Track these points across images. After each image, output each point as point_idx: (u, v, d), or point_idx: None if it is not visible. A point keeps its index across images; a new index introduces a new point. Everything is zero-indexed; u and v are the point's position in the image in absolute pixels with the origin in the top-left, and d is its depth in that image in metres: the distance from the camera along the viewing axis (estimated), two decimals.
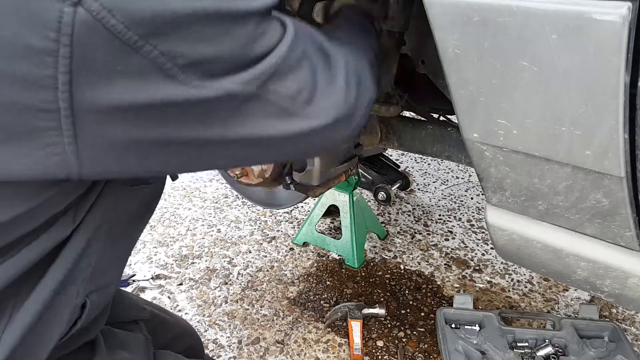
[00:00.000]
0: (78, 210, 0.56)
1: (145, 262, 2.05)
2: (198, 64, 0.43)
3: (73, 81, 0.39)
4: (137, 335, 0.80)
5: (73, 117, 0.41)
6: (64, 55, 0.38)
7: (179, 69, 0.42)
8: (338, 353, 1.61)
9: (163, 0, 0.40)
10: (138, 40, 0.39)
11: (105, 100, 0.41)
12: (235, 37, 0.45)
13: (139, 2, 0.39)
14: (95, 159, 0.45)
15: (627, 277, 0.84)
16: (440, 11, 0.69)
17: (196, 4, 0.42)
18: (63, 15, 0.37)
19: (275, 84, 0.49)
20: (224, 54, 0.45)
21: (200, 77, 0.43)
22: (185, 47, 0.42)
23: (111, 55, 0.39)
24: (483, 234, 2.24)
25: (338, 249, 2.06)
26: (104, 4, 0.37)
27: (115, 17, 0.38)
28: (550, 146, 0.73)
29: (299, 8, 1.14)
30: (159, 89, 0.42)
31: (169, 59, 0.41)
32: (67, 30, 0.37)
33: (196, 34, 0.42)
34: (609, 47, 0.59)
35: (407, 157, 3.04)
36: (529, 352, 1.50)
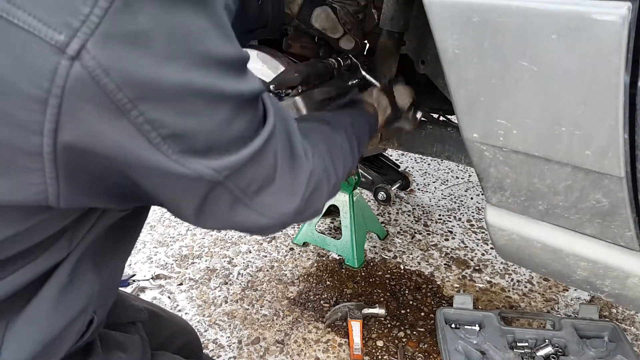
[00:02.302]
0: (75, 233, 0.57)
1: (145, 262, 2.05)
2: (179, 137, 0.44)
3: (58, 130, 0.40)
4: (133, 337, 0.80)
5: (55, 161, 0.42)
6: (52, 105, 0.39)
7: (162, 139, 0.43)
8: (338, 353, 1.61)
9: (159, 68, 0.41)
10: (127, 102, 0.40)
11: (88, 148, 0.43)
12: (218, 115, 0.46)
13: (135, 66, 0.40)
14: (75, 196, 0.47)
15: (627, 277, 0.84)
16: (440, 11, 0.69)
17: (188, 78, 0.42)
18: (58, 67, 0.38)
19: (241, 176, 0.51)
20: (204, 131, 0.46)
21: (179, 151, 0.45)
22: (169, 118, 0.43)
23: (99, 112, 0.40)
24: (483, 234, 2.24)
25: (338, 249, 2.06)
26: (101, 63, 0.38)
27: (109, 76, 0.39)
28: (550, 146, 0.73)
29: (298, 12, 1.14)
30: (140, 154, 0.44)
31: (154, 128, 0.43)
32: (59, 82, 0.38)
33: (183, 106, 0.43)
34: (609, 47, 0.59)
35: (407, 157, 3.04)
36: (529, 352, 1.50)
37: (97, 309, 0.67)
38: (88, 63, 0.38)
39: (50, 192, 0.45)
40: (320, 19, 1.13)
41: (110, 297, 0.73)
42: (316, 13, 1.13)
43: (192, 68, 0.43)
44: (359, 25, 1.18)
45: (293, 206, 0.59)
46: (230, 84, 0.46)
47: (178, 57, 0.42)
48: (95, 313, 0.66)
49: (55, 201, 0.46)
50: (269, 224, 0.58)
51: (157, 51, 0.40)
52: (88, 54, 0.38)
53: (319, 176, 0.64)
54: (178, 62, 0.42)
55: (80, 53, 0.38)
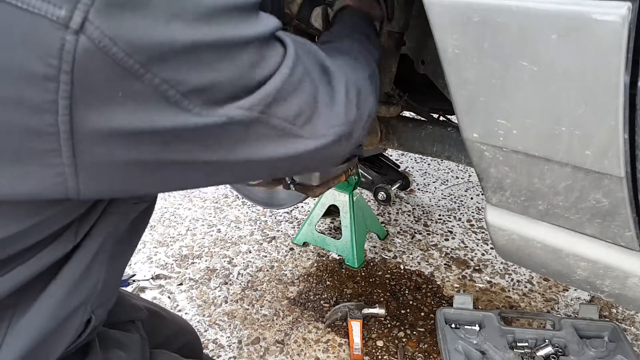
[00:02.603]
0: (80, 227, 0.57)
1: (145, 262, 2.05)
2: (200, 91, 0.43)
3: (73, 106, 0.39)
4: (132, 335, 0.80)
5: (72, 139, 0.41)
6: (64, 82, 0.38)
7: (181, 96, 0.42)
8: (338, 353, 1.61)
9: (165, 29, 0.40)
10: (140, 67, 0.40)
11: (105, 125, 0.41)
12: (237, 63, 0.45)
13: (140, 30, 0.39)
14: (94, 180, 0.45)
15: (627, 277, 0.84)
16: (440, 11, 0.69)
17: (197, 33, 0.42)
18: (65, 43, 0.37)
19: (277, 107, 0.49)
20: (226, 80, 0.45)
21: (203, 103, 0.44)
22: (187, 75, 0.42)
23: (113, 82, 0.40)
24: (483, 234, 2.24)
25: (338, 249, 2.06)
26: (106, 32, 0.38)
27: (117, 45, 0.38)
28: (550, 146, 0.73)
29: (298, 12, 1.14)
30: (161, 116, 0.42)
31: (171, 86, 0.42)
32: (68, 58, 0.38)
33: (197, 61, 0.42)
34: (609, 47, 0.59)
35: (407, 157, 3.04)
36: (529, 352, 1.50)
37: (96, 308, 0.66)
38: (93, 34, 0.37)
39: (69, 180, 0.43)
40: (320, 18, 1.13)
41: (111, 297, 0.73)
42: (316, 13, 1.13)
43: (199, 22, 0.42)
44: None
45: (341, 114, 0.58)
46: (241, 31, 0.45)
47: (182, 13, 0.41)
48: (94, 313, 0.66)
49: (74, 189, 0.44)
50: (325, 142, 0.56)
51: (160, 11, 0.40)
52: (91, 25, 0.37)
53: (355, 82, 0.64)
54: (183, 19, 0.41)
55: (84, 25, 0.37)
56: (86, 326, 0.65)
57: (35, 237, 0.52)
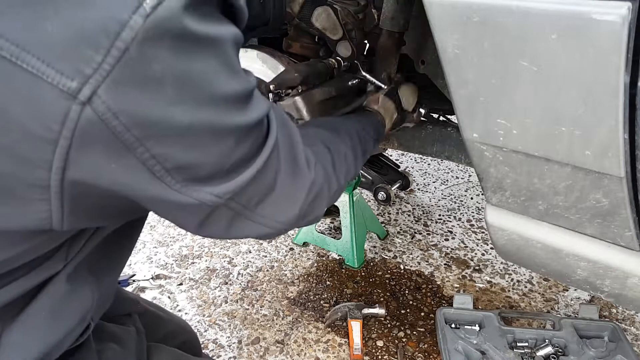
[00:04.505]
0: (71, 248, 0.58)
1: (145, 262, 2.05)
2: (183, 169, 0.46)
3: (66, 168, 0.42)
4: (128, 328, 0.80)
5: (62, 194, 0.44)
6: (62, 146, 0.40)
7: (165, 172, 0.45)
8: (338, 353, 1.61)
9: (168, 110, 0.42)
10: (135, 141, 0.42)
11: (94, 187, 0.44)
12: (222, 146, 0.48)
13: (144, 108, 0.41)
14: (79, 218, 0.49)
15: (627, 277, 0.84)
16: (440, 11, 0.69)
17: (195, 117, 0.44)
18: (70, 112, 0.38)
19: (242, 194, 0.53)
20: (209, 161, 0.47)
21: (182, 181, 0.47)
22: (175, 152, 0.44)
23: (107, 152, 0.42)
24: (483, 234, 2.24)
25: (338, 249, 2.06)
26: (111, 107, 0.39)
27: (118, 119, 0.40)
28: (550, 146, 0.73)
29: (299, 11, 1.15)
30: (145, 187, 0.46)
31: (158, 162, 0.44)
32: (70, 125, 0.39)
33: (188, 142, 0.45)
34: (609, 47, 0.59)
35: (407, 157, 3.03)
36: (529, 352, 1.50)
37: (94, 315, 0.68)
38: (99, 108, 0.39)
39: (54, 219, 0.46)
40: (321, 18, 1.13)
41: (108, 303, 0.74)
42: (317, 12, 1.13)
43: (200, 108, 0.44)
44: (359, 25, 1.18)
45: (293, 214, 0.62)
46: (236, 118, 0.48)
47: (187, 99, 0.43)
48: (92, 319, 0.67)
49: (59, 226, 0.47)
50: (269, 232, 0.61)
51: (167, 95, 0.41)
52: (99, 99, 0.38)
53: (321, 185, 0.66)
54: (186, 104, 0.43)
55: (92, 98, 0.38)
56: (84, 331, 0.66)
57: (25, 259, 0.54)
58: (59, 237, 0.54)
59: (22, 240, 0.50)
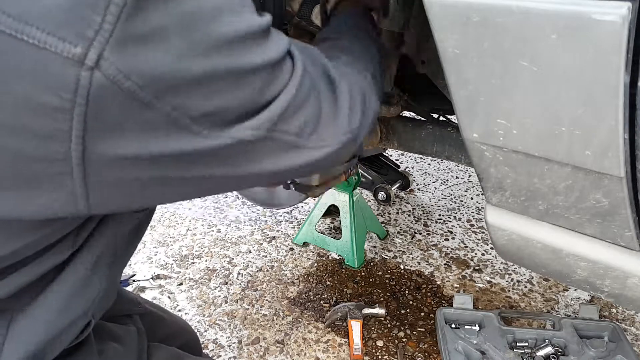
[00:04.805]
0: (78, 235, 0.57)
1: (145, 262, 2.05)
2: (210, 115, 0.44)
3: (86, 136, 0.40)
4: (129, 328, 0.80)
5: (84, 165, 0.42)
6: (78, 113, 0.39)
7: (191, 121, 0.43)
8: (338, 353, 1.61)
9: (178, 61, 0.40)
10: (152, 98, 0.40)
11: (117, 152, 0.42)
12: (247, 88, 0.46)
13: (153, 64, 0.39)
14: (105, 198, 0.46)
15: (627, 277, 0.84)
16: (440, 11, 0.69)
17: (210, 64, 0.42)
18: (80, 79, 0.37)
19: (284, 123, 0.50)
20: (236, 104, 0.45)
21: (211, 126, 0.44)
22: (197, 101, 0.43)
23: (125, 112, 0.40)
24: (483, 234, 2.24)
25: (338, 249, 2.06)
26: (120, 68, 0.38)
27: (130, 79, 0.39)
28: (550, 146, 0.73)
29: (299, 9, 1.14)
30: (171, 141, 0.43)
31: (181, 113, 0.42)
32: (83, 92, 0.38)
33: (208, 90, 0.43)
34: (609, 47, 0.59)
35: (407, 157, 3.03)
36: (529, 352, 1.50)
37: (96, 312, 0.67)
38: (108, 70, 0.38)
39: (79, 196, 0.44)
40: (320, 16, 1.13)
41: (110, 301, 0.73)
42: (316, 10, 1.13)
43: (213, 53, 0.42)
44: None
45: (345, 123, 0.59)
46: (254, 58, 0.45)
47: (196, 46, 0.41)
48: (94, 316, 0.67)
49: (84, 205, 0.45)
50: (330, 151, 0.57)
51: (174, 45, 0.40)
52: (106, 61, 0.37)
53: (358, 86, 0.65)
54: (197, 51, 0.41)
55: (99, 62, 0.37)
56: (85, 328, 0.66)
57: (34, 248, 0.53)
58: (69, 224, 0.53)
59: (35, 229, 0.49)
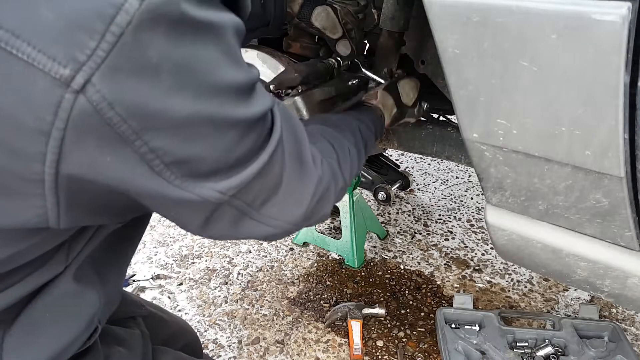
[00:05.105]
0: (71, 248, 0.57)
1: (145, 262, 2.05)
2: (183, 163, 0.44)
3: (60, 160, 0.40)
4: (134, 332, 0.80)
5: (56, 188, 0.42)
6: (55, 137, 0.38)
7: (165, 167, 0.43)
8: (338, 353, 1.61)
9: (166, 100, 0.40)
10: (132, 134, 0.40)
11: (89, 181, 0.42)
12: (224, 140, 0.46)
13: (141, 98, 0.39)
14: (75, 215, 0.47)
15: (627, 277, 0.84)
16: (440, 11, 0.69)
17: (195, 108, 0.42)
18: (62, 101, 0.37)
19: (247, 191, 0.51)
20: (210, 156, 0.45)
21: (182, 176, 0.44)
22: (174, 146, 0.42)
23: (102, 144, 0.40)
24: (483, 234, 2.24)
25: (338, 249, 2.06)
26: (106, 96, 0.37)
27: (113, 109, 0.38)
28: (550, 146, 0.73)
29: (299, 11, 1.14)
30: (143, 182, 0.43)
31: (157, 156, 0.42)
32: (63, 115, 0.37)
33: (188, 135, 0.43)
34: (609, 47, 0.59)
35: (407, 157, 3.03)
36: (529, 352, 1.50)
37: (102, 318, 0.67)
38: (93, 97, 0.37)
39: (50, 216, 0.44)
40: (320, 17, 1.13)
41: (115, 305, 0.73)
42: (316, 12, 1.13)
43: (200, 98, 0.42)
44: (359, 25, 1.18)
45: (300, 214, 0.59)
46: (238, 110, 0.45)
47: (185, 88, 0.41)
48: (100, 322, 0.66)
49: (55, 223, 0.46)
50: (274, 232, 0.58)
51: (165, 84, 0.39)
52: (93, 87, 0.37)
53: (327, 182, 0.64)
54: (185, 94, 0.41)
55: (85, 87, 0.36)
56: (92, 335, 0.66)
57: (26, 258, 0.52)
58: (58, 235, 0.53)
59: (21, 238, 0.49)
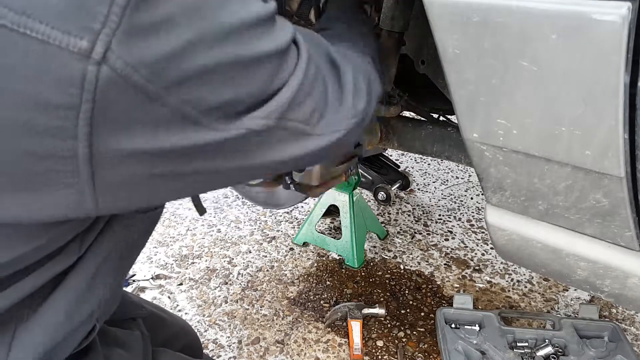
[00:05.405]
0: (84, 240, 0.57)
1: (145, 262, 2.05)
2: (219, 107, 0.43)
3: (93, 132, 0.39)
4: (134, 333, 0.79)
5: (91, 162, 0.40)
6: (85, 110, 0.37)
7: (200, 114, 0.42)
8: (338, 353, 1.61)
9: (186, 53, 0.39)
10: (160, 91, 0.39)
11: (125, 148, 0.41)
12: (256, 77, 0.45)
13: (162, 55, 0.38)
14: (113, 197, 0.45)
15: (627, 277, 0.84)
16: (440, 11, 0.69)
17: (218, 54, 0.41)
18: (87, 74, 0.36)
19: (292, 112, 0.50)
20: (245, 95, 0.45)
21: (221, 118, 0.44)
22: (206, 93, 0.42)
23: (133, 107, 0.39)
24: (483, 234, 2.24)
25: (338, 249, 2.06)
26: (128, 61, 0.37)
27: (138, 72, 0.38)
28: (550, 146, 0.73)
29: (297, 9, 1.15)
30: (181, 135, 0.42)
31: (190, 106, 0.41)
32: (90, 87, 0.37)
33: (217, 81, 0.42)
34: (609, 47, 0.59)
35: (407, 157, 3.04)
36: (529, 352, 1.50)
37: (101, 316, 0.67)
38: (115, 64, 0.37)
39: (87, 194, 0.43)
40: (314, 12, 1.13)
41: (114, 305, 0.73)
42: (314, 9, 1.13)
43: (221, 42, 0.41)
44: None
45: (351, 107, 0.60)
46: (261, 46, 0.45)
47: (204, 35, 0.40)
48: (98, 321, 0.66)
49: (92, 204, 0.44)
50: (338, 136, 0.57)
51: (182, 35, 0.39)
52: (113, 54, 0.36)
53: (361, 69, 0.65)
54: (205, 41, 0.40)
55: (106, 55, 0.36)
56: (89, 333, 0.65)
57: (40, 254, 0.52)
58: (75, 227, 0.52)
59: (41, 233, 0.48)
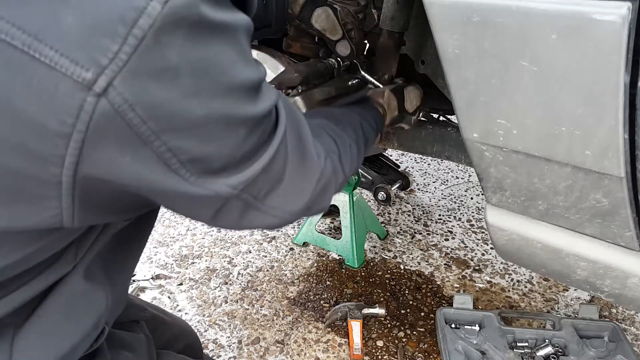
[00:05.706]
0: (80, 247, 0.58)
1: (145, 262, 2.05)
2: (198, 161, 0.45)
3: (79, 162, 0.40)
4: (138, 335, 0.80)
5: (73, 190, 0.43)
6: (76, 140, 0.39)
7: (180, 165, 0.44)
8: (338, 353, 1.61)
9: (183, 102, 0.41)
10: (151, 134, 0.41)
11: (107, 181, 0.43)
12: (235, 137, 0.47)
13: (160, 100, 0.40)
14: (89, 215, 0.48)
15: (627, 277, 0.84)
16: (440, 11, 0.69)
17: (211, 108, 0.43)
18: (84, 104, 0.37)
19: (253, 185, 0.52)
20: (222, 153, 0.47)
21: (197, 173, 0.46)
22: (191, 145, 0.44)
23: (122, 144, 0.40)
24: (483, 234, 2.24)
25: (338, 249, 2.06)
26: (127, 99, 0.38)
27: (134, 111, 0.39)
28: (550, 146, 0.73)
29: (300, 12, 1.15)
30: (160, 179, 0.45)
31: (174, 155, 0.43)
32: (84, 118, 0.38)
33: (203, 134, 0.44)
34: (609, 47, 0.59)
35: (407, 157, 3.03)
36: (529, 352, 1.50)
37: (109, 319, 0.67)
38: (114, 99, 0.38)
39: (65, 216, 0.45)
40: (320, 19, 1.13)
41: (121, 308, 0.73)
42: (317, 13, 1.13)
43: (216, 98, 0.43)
44: (359, 25, 1.18)
45: (301, 204, 0.61)
46: (249, 108, 0.47)
47: (203, 89, 0.42)
48: (107, 324, 0.67)
49: (69, 223, 0.46)
50: (276, 222, 0.60)
51: (184, 85, 0.40)
52: (114, 90, 0.37)
53: (329, 176, 0.66)
54: (203, 95, 0.42)
55: (107, 90, 0.37)
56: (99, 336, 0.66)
57: (36, 260, 0.53)
58: (68, 235, 0.54)
59: (32, 240, 0.50)
